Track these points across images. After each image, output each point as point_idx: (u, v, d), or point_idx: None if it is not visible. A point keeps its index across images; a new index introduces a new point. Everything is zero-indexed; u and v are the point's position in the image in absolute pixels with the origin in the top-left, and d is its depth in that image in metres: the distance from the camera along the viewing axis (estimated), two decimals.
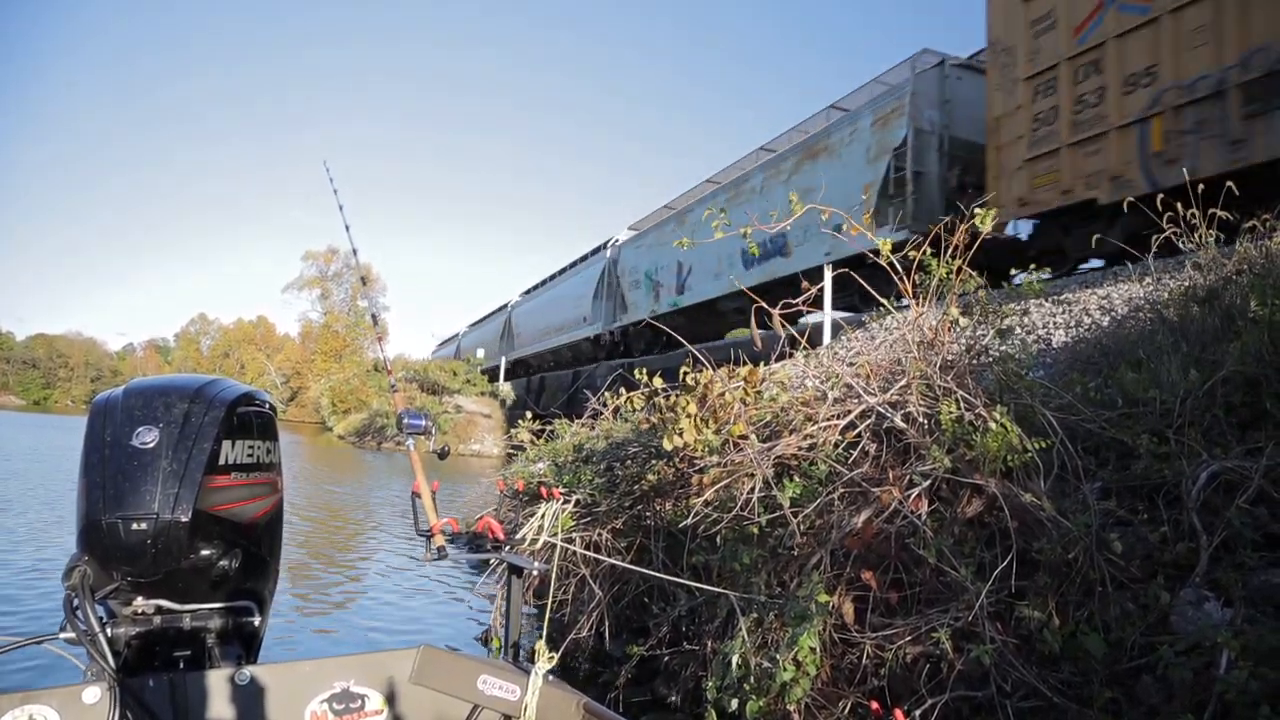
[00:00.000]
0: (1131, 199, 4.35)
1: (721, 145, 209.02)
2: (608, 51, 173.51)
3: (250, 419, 1.87)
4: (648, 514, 3.94)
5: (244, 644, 1.81)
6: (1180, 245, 3.85)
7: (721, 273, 13.94)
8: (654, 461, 3.94)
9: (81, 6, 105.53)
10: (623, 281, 19.36)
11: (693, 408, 3.07)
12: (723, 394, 3.15)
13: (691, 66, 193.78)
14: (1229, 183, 3.86)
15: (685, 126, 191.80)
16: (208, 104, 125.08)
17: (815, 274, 8.56)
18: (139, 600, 1.67)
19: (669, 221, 17.09)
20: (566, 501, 4.10)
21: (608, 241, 21.01)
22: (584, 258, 23.55)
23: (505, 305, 32.05)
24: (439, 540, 1.93)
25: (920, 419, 2.85)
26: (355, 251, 2.74)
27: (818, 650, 2.38)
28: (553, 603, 3.41)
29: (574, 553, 3.85)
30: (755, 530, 2.86)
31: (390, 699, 1.69)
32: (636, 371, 3.93)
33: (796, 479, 2.93)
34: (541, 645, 1.75)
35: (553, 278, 26.78)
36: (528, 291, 29.80)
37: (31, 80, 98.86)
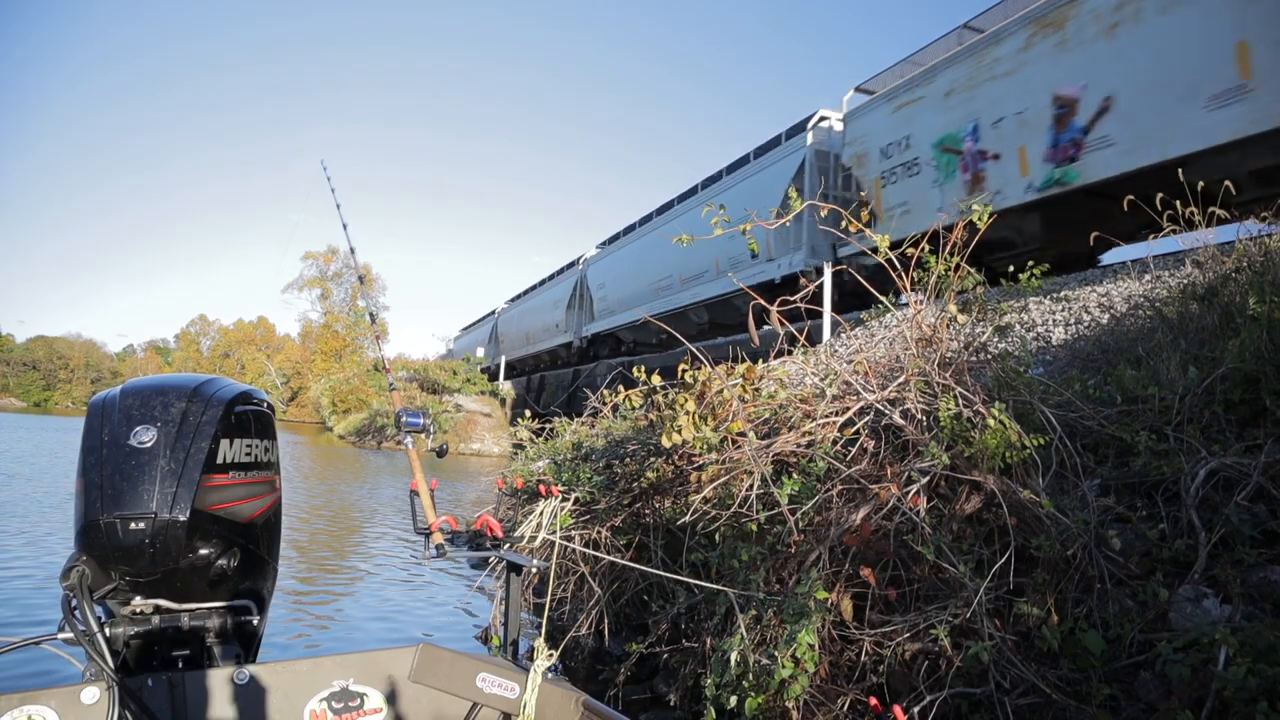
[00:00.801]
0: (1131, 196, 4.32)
1: (721, 145, 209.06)
2: (608, 51, 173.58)
3: (248, 418, 1.87)
4: (647, 511, 3.94)
5: (243, 643, 1.81)
6: (1179, 242, 3.85)
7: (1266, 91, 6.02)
8: (653, 459, 3.95)
9: (82, 8, 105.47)
10: (863, 172, 10.67)
11: (691, 405, 3.07)
12: (721, 391, 3.15)
13: (692, 66, 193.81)
14: (1226, 181, 3.86)
15: (685, 126, 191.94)
16: (207, 104, 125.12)
17: None
18: (137, 600, 1.67)
19: (1002, 40, 8.53)
20: (566, 499, 4.10)
21: (808, 120, 12.22)
22: (743, 161, 14.15)
23: (576, 261, 23.42)
24: (438, 538, 1.93)
25: (919, 416, 2.85)
26: (353, 250, 2.75)
27: (816, 647, 2.38)
28: (552, 600, 3.42)
29: (573, 550, 3.86)
30: (754, 527, 2.86)
31: (389, 697, 1.69)
32: (635, 370, 3.92)
33: (795, 476, 2.93)
34: (541, 643, 1.75)
35: (660, 212, 17.42)
36: (609, 241, 20.71)
37: (31, 82, 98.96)
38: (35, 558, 5.83)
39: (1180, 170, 4.66)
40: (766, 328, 3.54)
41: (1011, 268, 3.46)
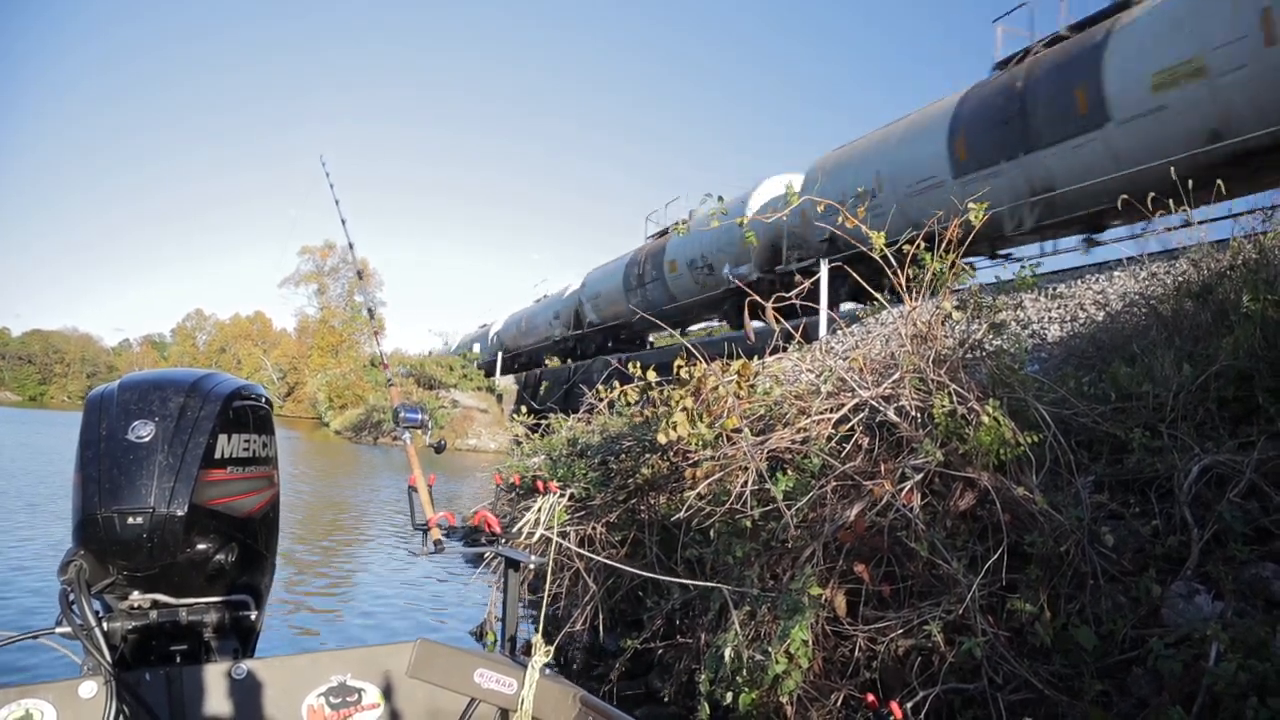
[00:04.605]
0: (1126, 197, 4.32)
1: (721, 145, 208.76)
2: (608, 51, 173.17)
3: (246, 413, 1.87)
4: (642, 508, 3.95)
5: (241, 638, 1.81)
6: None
7: None
8: (648, 455, 3.95)
9: (81, 6, 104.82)
10: None
11: (687, 401, 3.08)
12: (716, 388, 3.16)
13: (692, 66, 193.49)
14: (1218, 180, 3.87)
15: (686, 126, 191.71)
16: (207, 104, 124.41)
17: None
18: (135, 594, 1.67)
19: None
20: (562, 495, 4.10)
21: None
22: None
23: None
24: (435, 534, 1.93)
25: (913, 413, 2.86)
26: (351, 246, 2.75)
27: (810, 643, 2.39)
28: (548, 596, 3.42)
29: (569, 546, 3.87)
30: (748, 523, 2.87)
31: (387, 692, 1.70)
32: (630, 365, 3.93)
33: (789, 472, 2.94)
34: (538, 639, 1.75)
35: None
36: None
37: (31, 79, 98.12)
38: (33, 552, 5.83)
39: None
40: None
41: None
